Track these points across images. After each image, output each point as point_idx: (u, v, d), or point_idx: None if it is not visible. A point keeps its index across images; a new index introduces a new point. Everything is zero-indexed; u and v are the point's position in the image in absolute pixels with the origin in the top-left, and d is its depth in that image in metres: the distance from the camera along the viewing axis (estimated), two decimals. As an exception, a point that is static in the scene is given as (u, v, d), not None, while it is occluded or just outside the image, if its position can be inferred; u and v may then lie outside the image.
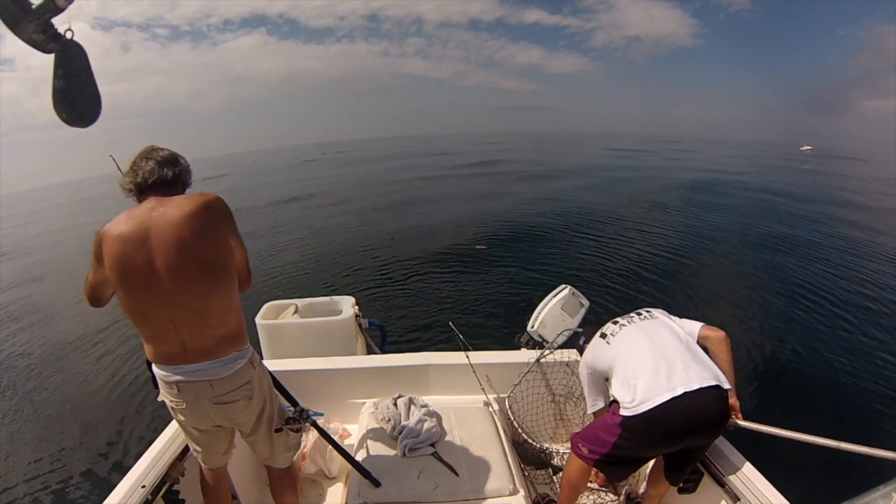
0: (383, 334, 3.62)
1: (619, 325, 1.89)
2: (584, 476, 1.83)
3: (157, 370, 1.44)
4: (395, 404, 2.17)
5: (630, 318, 1.90)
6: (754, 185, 19.53)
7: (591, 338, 2.00)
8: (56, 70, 1.30)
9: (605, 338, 1.88)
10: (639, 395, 1.59)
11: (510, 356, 2.48)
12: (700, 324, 1.83)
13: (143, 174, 1.42)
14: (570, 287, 2.70)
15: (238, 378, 1.47)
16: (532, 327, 2.60)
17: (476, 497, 1.73)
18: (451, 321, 2.90)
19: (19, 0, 1.19)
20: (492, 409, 2.24)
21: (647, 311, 1.93)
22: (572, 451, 1.80)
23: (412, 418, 2.06)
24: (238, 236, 1.48)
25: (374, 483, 1.75)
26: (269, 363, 1.82)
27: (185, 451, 1.80)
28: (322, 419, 1.84)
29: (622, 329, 1.86)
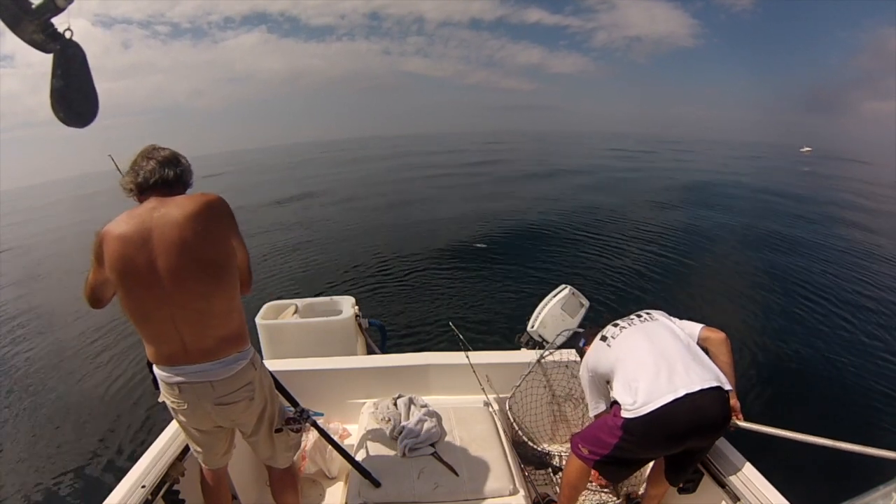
0: (383, 334, 3.62)
1: (619, 327, 1.89)
2: (584, 476, 1.83)
3: (158, 371, 1.44)
4: (395, 404, 2.17)
5: (630, 321, 1.90)
6: (753, 185, 19.52)
7: (591, 340, 2.00)
8: (55, 70, 1.29)
9: (605, 340, 1.88)
10: (640, 398, 1.58)
11: (510, 356, 2.48)
12: (700, 325, 1.83)
13: (144, 174, 1.41)
14: (570, 287, 2.70)
15: (239, 379, 1.46)
16: (532, 327, 2.61)
17: (476, 497, 1.73)
18: (451, 321, 2.90)
19: (19, 0, 1.18)
20: (492, 409, 2.24)
21: (646, 313, 1.92)
22: (572, 452, 1.80)
23: (412, 418, 2.06)
24: (239, 237, 1.48)
25: (374, 483, 1.75)
26: (269, 363, 1.82)
27: (185, 451, 1.80)
28: (322, 419, 1.84)
29: (622, 331, 1.85)
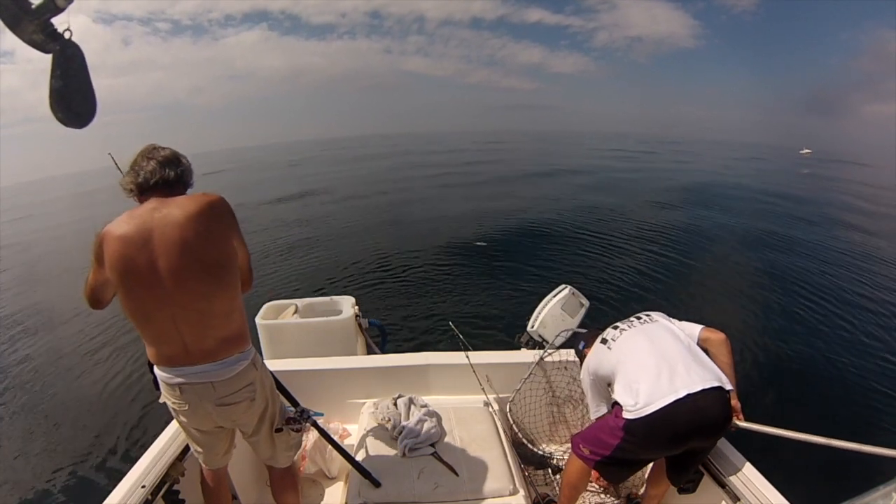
0: (383, 334, 3.62)
1: (619, 329, 1.89)
2: (585, 477, 1.83)
3: (159, 372, 1.44)
4: (395, 404, 2.17)
5: (630, 323, 1.90)
6: (753, 187, 19.56)
7: (592, 343, 2.00)
8: (54, 70, 1.29)
9: (605, 343, 1.88)
10: (641, 399, 1.59)
11: (510, 356, 2.48)
12: (700, 326, 1.83)
13: (144, 174, 1.40)
14: (570, 287, 2.70)
15: (240, 380, 1.46)
16: (532, 327, 2.60)
17: (476, 497, 1.73)
18: (451, 321, 2.89)
19: (19, 0, 1.19)
20: (492, 409, 2.24)
21: (646, 315, 1.93)
22: (573, 452, 1.80)
23: (412, 418, 2.06)
24: (240, 236, 1.48)
25: (374, 483, 1.75)
26: (269, 363, 1.81)
27: (185, 451, 1.80)
28: (322, 419, 1.83)
29: (623, 334, 1.86)
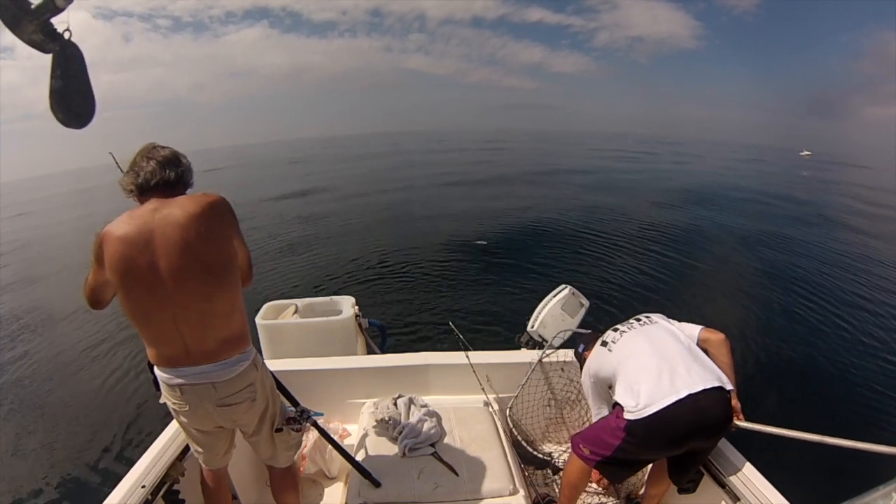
0: (383, 334, 3.62)
1: (619, 332, 1.89)
2: (585, 476, 1.83)
3: (160, 373, 1.43)
4: (395, 404, 2.17)
5: (630, 325, 1.91)
6: (753, 188, 19.55)
7: (592, 346, 2.01)
8: (54, 70, 1.30)
9: (606, 345, 1.88)
10: (643, 400, 1.59)
11: (510, 356, 2.48)
12: (699, 326, 1.83)
13: (144, 175, 1.39)
14: (570, 287, 2.70)
15: (241, 380, 1.46)
16: (532, 327, 2.60)
17: (476, 497, 1.73)
18: (451, 321, 2.89)
19: (19, 0, 1.19)
20: (492, 409, 2.24)
21: (646, 317, 1.93)
22: (573, 452, 1.80)
23: (412, 418, 2.06)
24: (241, 235, 1.48)
25: (374, 483, 1.75)
26: (269, 363, 1.81)
27: (185, 451, 1.79)
28: (322, 419, 1.83)
29: (623, 336, 1.86)
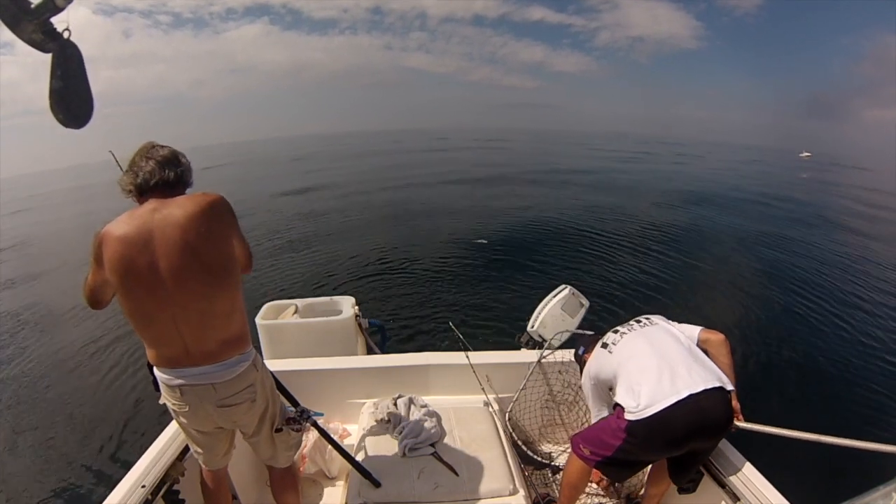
0: (383, 334, 3.63)
1: (619, 333, 1.89)
2: (585, 477, 1.83)
3: (159, 373, 1.43)
4: (395, 404, 2.17)
5: (630, 326, 1.91)
6: (753, 189, 19.56)
7: (591, 349, 2.00)
8: (54, 70, 1.30)
9: (606, 347, 1.88)
10: (643, 400, 1.59)
11: (510, 356, 2.48)
12: (699, 327, 1.83)
13: (143, 175, 1.38)
14: (570, 287, 2.70)
15: (241, 381, 1.46)
16: (532, 327, 2.60)
17: (476, 497, 1.73)
18: (451, 321, 2.90)
19: (19, 0, 1.19)
20: (492, 409, 2.24)
21: (646, 318, 1.93)
22: (573, 452, 1.80)
23: (412, 418, 2.06)
24: (240, 234, 1.47)
25: (374, 483, 1.75)
26: (269, 363, 1.81)
27: (185, 451, 1.79)
28: (322, 419, 1.84)
29: (623, 337, 1.86)
